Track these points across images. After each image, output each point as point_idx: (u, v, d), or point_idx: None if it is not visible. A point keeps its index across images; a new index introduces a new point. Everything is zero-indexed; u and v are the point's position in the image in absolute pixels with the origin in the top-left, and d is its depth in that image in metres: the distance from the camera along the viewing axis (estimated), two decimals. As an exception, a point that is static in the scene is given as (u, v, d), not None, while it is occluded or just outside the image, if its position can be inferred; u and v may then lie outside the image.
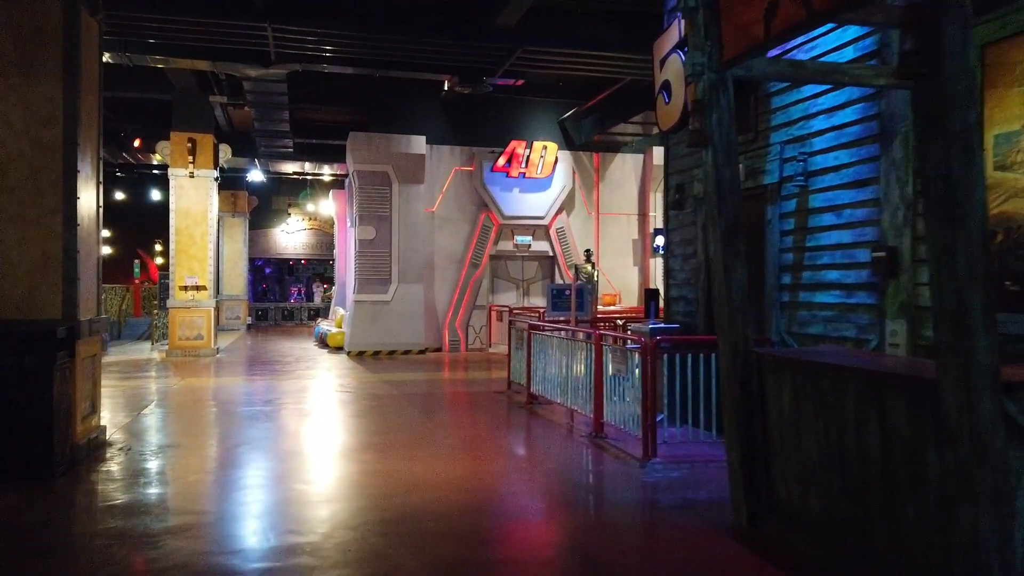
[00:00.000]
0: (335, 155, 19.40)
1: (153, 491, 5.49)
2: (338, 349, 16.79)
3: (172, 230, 15.34)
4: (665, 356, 6.62)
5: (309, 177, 23.85)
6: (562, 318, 9.77)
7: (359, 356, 15.54)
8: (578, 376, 7.96)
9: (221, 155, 16.06)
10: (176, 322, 15.29)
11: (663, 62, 8.05)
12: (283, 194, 26.97)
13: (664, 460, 6.26)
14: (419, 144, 16.20)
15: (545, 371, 8.91)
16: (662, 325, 7.91)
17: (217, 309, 16.71)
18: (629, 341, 7.44)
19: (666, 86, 7.95)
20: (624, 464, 6.32)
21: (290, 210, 27.44)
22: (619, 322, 10.44)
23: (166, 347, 15.50)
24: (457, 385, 11.89)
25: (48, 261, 6.05)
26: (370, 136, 16.11)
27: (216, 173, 15.70)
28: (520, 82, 12.66)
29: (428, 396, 10.42)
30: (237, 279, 24.97)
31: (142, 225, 25.70)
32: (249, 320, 25.31)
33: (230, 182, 24.35)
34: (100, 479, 5.84)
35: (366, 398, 9.95)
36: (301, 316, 27.49)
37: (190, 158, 15.29)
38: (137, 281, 21.82)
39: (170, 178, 15.39)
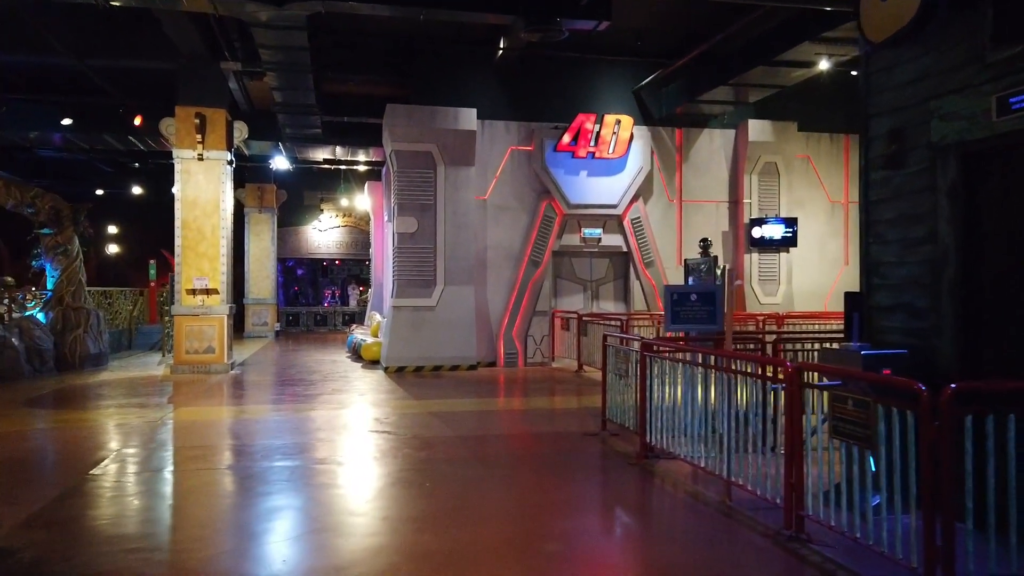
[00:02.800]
0: (370, 138, 16.74)
1: None
2: (374, 363, 14.14)
3: (178, 223, 12.85)
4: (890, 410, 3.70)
5: (343, 167, 21.27)
6: (693, 334, 6.90)
7: (398, 373, 12.86)
8: (739, 428, 5.11)
9: (237, 134, 13.53)
10: (182, 332, 12.78)
11: (872, -62, 5.18)
12: (314, 188, 24.41)
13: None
14: (469, 118, 13.45)
15: (671, 414, 6.06)
16: (877, 352, 5.00)
17: (242, 315, 14.46)
18: (820, 377, 4.55)
19: (881, -27, 5.08)
20: (890, 619, 3.44)
21: (322, 205, 24.85)
22: (764, 339, 7.50)
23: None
24: (528, 420, 9.06)
25: None
26: (411, 109, 13.41)
27: (230, 155, 13.17)
28: (604, 24, 9.77)
29: (494, 440, 7.62)
30: (264, 281, 22.59)
31: (163, 222, 23.43)
32: (278, 326, 22.87)
33: (256, 173, 22.00)
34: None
35: (411, 445, 7.20)
36: (335, 321, 25.06)
37: (198, 137, 12.78)
38: (153, 284, 19.51)
39: (175, 161, 12.91)
